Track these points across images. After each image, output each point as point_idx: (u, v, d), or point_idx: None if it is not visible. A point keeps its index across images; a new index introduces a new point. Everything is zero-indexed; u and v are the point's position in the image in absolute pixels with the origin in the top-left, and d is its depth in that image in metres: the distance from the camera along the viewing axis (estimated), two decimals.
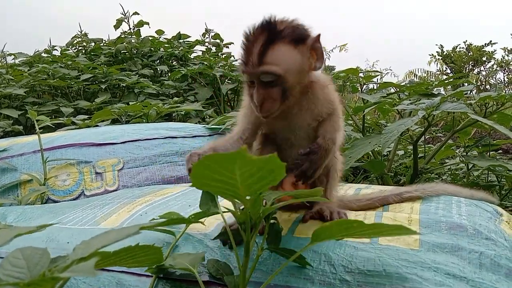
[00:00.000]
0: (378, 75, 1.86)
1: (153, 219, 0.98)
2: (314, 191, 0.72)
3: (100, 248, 0.48)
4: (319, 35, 0.86)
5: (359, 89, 1.98)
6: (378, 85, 2.03)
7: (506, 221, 0.95)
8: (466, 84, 2.35)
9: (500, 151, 2.94)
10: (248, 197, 0.64)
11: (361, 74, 1.95)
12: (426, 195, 1.03)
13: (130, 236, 0.51)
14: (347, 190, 1.18)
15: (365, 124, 2.08)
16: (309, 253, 0.79)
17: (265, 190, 0.62)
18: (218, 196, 0.79)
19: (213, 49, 4.74)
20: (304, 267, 0.76)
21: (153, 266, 0.76)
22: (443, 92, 2.37)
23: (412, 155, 2.33)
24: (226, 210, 0.75)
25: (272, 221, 0.80)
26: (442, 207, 0.94)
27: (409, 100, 1.69)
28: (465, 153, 2.16)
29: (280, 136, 0.94)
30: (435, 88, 1.88)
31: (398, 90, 1.92)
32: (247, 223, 0.69)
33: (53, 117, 2.89)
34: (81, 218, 1.09)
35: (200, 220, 0.89)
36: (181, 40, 4.60)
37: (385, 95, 1.82)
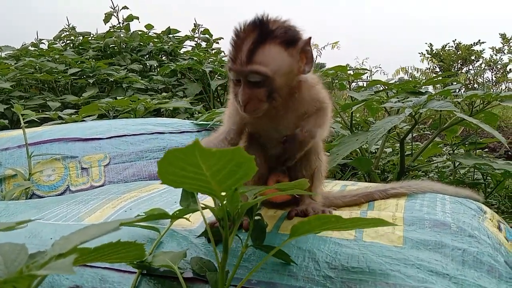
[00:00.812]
0: (366, 73, 1.87)
1: (138, 215, 0.97)
2: (299, 183, 0.71)
3: (79, 244, 0.47)
4: (309, 38, 0.85)
5: (348, 86, 1.98)
6: (366, 82, 2.04)
7: (490, 219, 0.96)
8: (455, 83, 2.37)
9: (487, 150, 2.98)
10: (223, 193, 0.64)
11: (350, 72, 1.95)
12: (411, 192, 1.04)
13: (110, 232, 0.50)
14: (333, 187, 1.18)
15: (354, 122, 2.09)
16: (294, 249, 0.79)
17: (239, 185, 0.62)
18: (199, 193, 0.78)
19: (203, 44, 4.71)
20: (288, 264, 0.76)
21: (135, 260, 0.75)
22: (431, 91, 2.38)
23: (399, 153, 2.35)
24: (205, 207, 0.74)
25: (256, 217, 0.80)
26: (427, 205, 0.95)
27: (397, 98, 1.69)
28: (451, 151, 2.18)
29: (265, 136, 0.94)
30: (423, 87, 1.89)
31: (386, 88, 1.92)
32: (225, 219, 0.68)
33: (40, 111, 2.85)
34: (65, 214, 1.08)
35: (185, 216, 0.90)
36: (170, 35, 4.57)
37: (373, 92, 1.83)
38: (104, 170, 1.63)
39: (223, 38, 4.77)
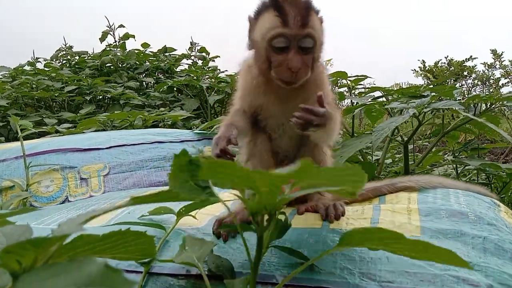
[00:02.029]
0: (366, 78, 1.86)
1: (142, 215, 0.94)
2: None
3: (88, 218, 0.44)
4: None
5: (348, 93, 1.97)
6: (366, 89, 2.03)
7: (505, 212, 0.94)
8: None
9: (487, 158, 2.97)
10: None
11: (350, 78, 1.95)
12: (420, 186, 1.01)
13: (122, 207, 0.47)
14: None
15: (354, 132, 2.08)
16: (307, 243, 0.76)
17: (285, 182, 0.54)
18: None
19: (199, 62, 4.73)
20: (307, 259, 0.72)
21: (145, 258, 0.70)
22: None
23: (400, 161, 2.33)
24: (229, 199, 0.69)
25: (281, 216, 0.73)
26: (440, 197, 0.92)
27: (399, 102, 1.68)
28: (453, 158, 2.16)
29: (271, 123, 0.92)
30: (425, 92, 1.88)
31: (386, 94, 1.92)
32: (260, 214, 0.61)
33: None
34: (66, 219, 1.04)
35: (191, 214, 0.86)
36: (167, 53, 4.58)
37: (374, 97, 1.82)
38: (104, 180, 1.59)
39: (219, 56, 4.80)
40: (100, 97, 3.52)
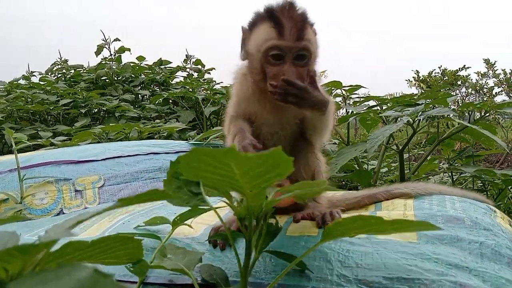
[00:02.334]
0: (360, 87, 1.87)
1: (138, 226, 0.93)
2: (311, 190, 0.67)
3: (75, 223, 0.44)
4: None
5: (343, 102, 1.98)
6: (361, 99, 2.04)
7: (501, 217, 0.93)
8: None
9: (482, 165, 2.97)
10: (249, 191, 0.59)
11: (345, 88, 1.96)
12: (416, 193, 1.01)
13: (111, 210, 0.47)
14: (336, 194, 1.15)
15: (350, 142, 2.08)
16: (303, 250, 0.75)
17: (271, 184, 0.56)
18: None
19: (195, 74, 4.74)
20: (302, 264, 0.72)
21: (132, 262, 0.69)
22: None
23: (396, 170, 2.33)
24: (222, 206, 0.69)
25: (271, 220, 0.74)
26: (436, 203, 0.92)
27: (393, 110, 1.69)
28: (449, 165, 2.16)
29: (265, 131, 0.92)
30: (419, 100, 1.89)
31: (380, 103, 1.92)
32: (248, 218, 0.62)
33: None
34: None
35: (187, 223, 0.86)
36: (162, 66, 4.60)
37: (369, 106, 1.83)
38: (99, 192, 1.58)
39: (215, 69, 4.81)
40: (96, 110, 3.51)
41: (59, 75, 4.34)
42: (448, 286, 0.64)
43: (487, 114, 1.63)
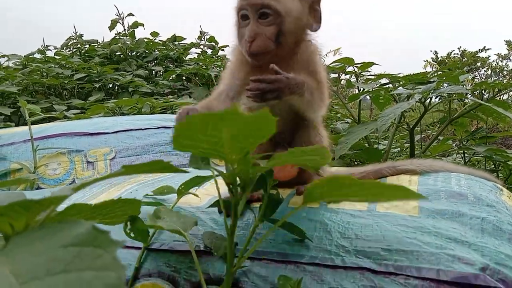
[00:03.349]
0: (373, 64, 1.85)
1: (146, 195, 0.95)
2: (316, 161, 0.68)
3: (80, 186, 0.45)
4: None
5: (356, 80, 1.96)
6: (374, 76, 2.01)
7: (507, 196, 0.93)
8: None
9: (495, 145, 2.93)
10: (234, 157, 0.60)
11: (357, 65, 1.93)
12: (422, 170, 1.00)
13: (113, 177, 0.48)
14: (340, 169, 1.15)
15: (360, 120, 2.07)
16: (305, 221, 0.77)
17: (253, 148, 0.58)
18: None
19: (209, 51, 4.72)
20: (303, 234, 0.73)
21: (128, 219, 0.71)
22: None
23: (408, 150, 2.31)
24: (216, 173, 0.71)
25: (272, 191, 0.75)
26: (441, 180, 0.92)
27: (406, 88, 1.67)
28: (462, 145, 2.14)
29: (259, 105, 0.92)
30: (432, 78, 1.86)
31: (392, 81, 1.90)
32: (235, 184, 0.65)
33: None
34: (68, 199, 1.05)
35: (192, 192, 0.87)
36: (176, 42, 4.59)
37: (381, 84, 1.81)
38: (110, 164, 1.61)
39: (228, 46, 4.78)
40: (110, 85, 3.54)
41: (74, 50, 4.37)
42: (446, 259, 0.64)
43: (501, 93, 1.60)
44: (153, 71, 4.03)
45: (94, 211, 0.54)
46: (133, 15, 4.26)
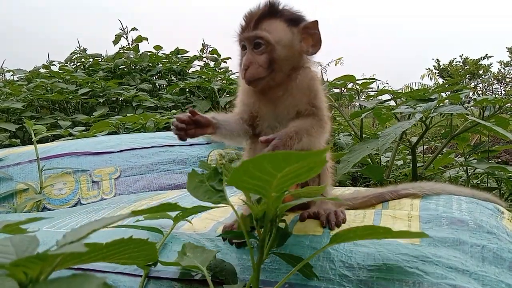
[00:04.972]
0: (374, 81, 1.86)
1: (137, 220, 0.96)
2: (313, 189, 0.70)
3: (91, 231, 0.47)
4: (315, 21, 0.92)
5: (356, 97, 1.98)
6: (375, 93, 2.03)
7: (508, 219, 0.94)
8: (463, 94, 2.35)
9: (499, 161, 2.93)
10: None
11: (358, 82, 1.95)
12: (424, 194, 1.02)
13: (123, 219, 0.50)
14: (345, 191, 1.16)
15: (364, 135, 2.07)
16: (308, 250, 0.78)
17: (291, 185, 0.60)
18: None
19: (211, 64, 4.76)
20: (310, 275, 0.73)
21: (148, 263, 0.73)
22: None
23: (410, 160, 2.32)
24: (221, 206, 0.72)
25: (281, 223, 0.74)
26: (443, 204, 0.93)
27: (407, 105, 1.68)
28: (464, 160, 2.15)
29: (265, 126, 0.94)
30: (433, 95, 1.88)
31: (394, 97, 1.92)
32: (262, 220, 0.66)
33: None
34: (77, 223, 1.07)
35: (187, 219, 0.89)
36: (179, 55, 4.63)
37: (383, 101, 1.82)
38: (115, 183, 1.63)
39: (231, 58, 4.82)
40: (114, 99, 3.57)
41: (78, 64, 4.41)
42: None
43: (501, 109, 1.61)
44: (157, 84, 4.07)
45: (107, 250, 0.55)
46: (137, 29, 4.31)
